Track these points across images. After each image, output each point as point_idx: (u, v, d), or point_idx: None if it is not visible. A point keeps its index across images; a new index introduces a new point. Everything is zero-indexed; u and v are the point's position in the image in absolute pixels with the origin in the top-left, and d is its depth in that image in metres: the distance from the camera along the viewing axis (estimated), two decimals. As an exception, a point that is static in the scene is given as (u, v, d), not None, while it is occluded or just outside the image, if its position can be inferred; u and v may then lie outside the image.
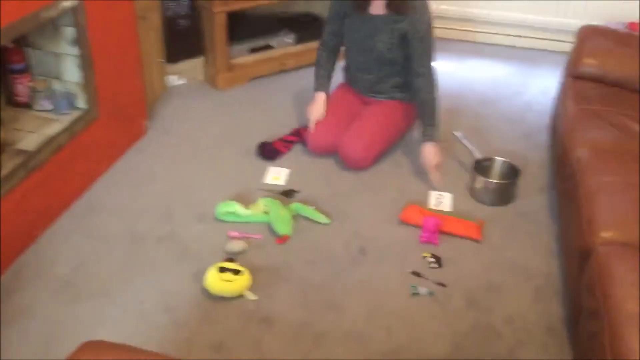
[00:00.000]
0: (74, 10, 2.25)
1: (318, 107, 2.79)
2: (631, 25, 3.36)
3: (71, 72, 2.40)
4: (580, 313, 1.77)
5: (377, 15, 2.61)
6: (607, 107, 2.45)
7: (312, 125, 2.76)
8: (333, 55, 2.87)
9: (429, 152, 2.62)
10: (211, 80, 3.35)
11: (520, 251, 2.30)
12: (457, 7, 3.86)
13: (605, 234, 1.79)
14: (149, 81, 3.04)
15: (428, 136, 2.64)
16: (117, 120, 2.66)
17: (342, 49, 2.85)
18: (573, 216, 2.03)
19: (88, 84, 2.43)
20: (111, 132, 2.62)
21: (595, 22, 3.53)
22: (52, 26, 2.29)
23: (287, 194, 2.52)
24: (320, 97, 2.82)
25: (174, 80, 3.31)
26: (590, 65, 2.66)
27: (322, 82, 2.86)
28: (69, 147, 2.35)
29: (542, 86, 3.47)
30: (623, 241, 1.76)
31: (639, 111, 2.39)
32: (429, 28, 2.59)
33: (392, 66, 2.70)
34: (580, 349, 1.73)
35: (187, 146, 2.85)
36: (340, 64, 2.93)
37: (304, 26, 3.61)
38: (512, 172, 2.60)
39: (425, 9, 2.57)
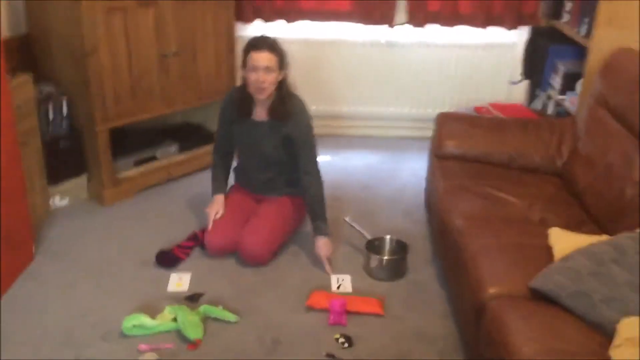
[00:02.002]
0: (-46, 140, 2.21)
1: (216, 207, 2.90)
2: (477, 109, 3.86)
3: (-47, 203, 2.32)
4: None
5: (261, 121, 2.81)
6: (470, 180, 2.78)
7: (210, 224, 2.84)
8: (227, 158, 3.02)
9: (322, 245, 2.78)
10: (97, 197, 3.33)
11: (420, 319, 2.47)
12: (325, 106, 4.19)
13: (493, 290, 2.01)
14: (33, 204, 2.96)
15: (319, 230, 2.80)
16: (4, 247, 2.56)
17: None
18: (461, 279, 2.25)
19: (-29, 214, 2.35)
20: (-2, 260, 2.52)
21: (447, 109, 4.01)
22: None
23: (192, 299, 2.53)
24: (218, 198, 2.94)
25: (57, 201, 3.25)
26: (450, 146, 3.02)
27: (218, 185, 2.99)
28: (-45, 282, 2.22)
29: (412, 169, 3.82)
30: (509, 293, 1.99)
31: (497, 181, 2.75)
32: (310, 129, 2.81)
33: (280, 166, 2.89)
34: (489, 398, 1.89)
35: (80, 266, 2.77)
36: (233, 165, 3.08)
37: (186, 135, 3.74)
38: (400, 248, 2.82)
39: (304, 111, 2.80)
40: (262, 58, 2.63)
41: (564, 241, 2.17)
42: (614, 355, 1.59)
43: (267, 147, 2.82)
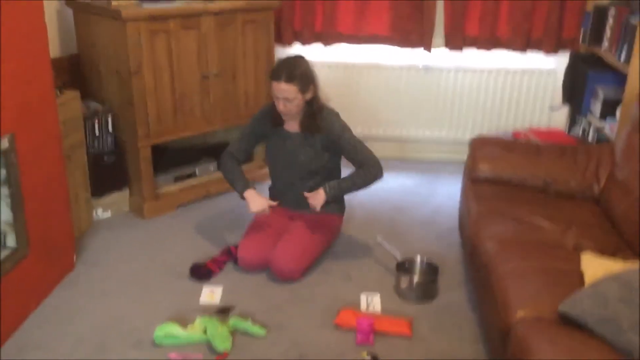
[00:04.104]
0: (5, 152, 2.34)
1: (257, 201, 2.91)
2: (515, 134, 3.83)
3: (1, 211, 2.44)
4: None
5: (294, 132, 2.90)
6: (503, 204, 2.76)
7: (261, 215, 2.92)
8: (238, 163, 3.01)
9: (316, 195, 2.84)
10: (137, 211, 3.44)
11: (449, 342, 2.45)
12: (361, 128, 4.24)
13: (520, 313, 1.99)
14: (76, 216, 3.09)
15: (328, 187, 2.84)
16: (46, 256, 2.67)
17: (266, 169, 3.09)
18: (489, 302, 2.23)
19: (18, 223, 2.46)
20: (40, 268, 2.62)
21: (485, 134, 4.00)
22: (-17, 168, 2.35)
23: (222, 311, 2.58)
24: (251, 193, 2.92)
25: (100, 213, 3.37)
26: (484, 169, 3.00)
27: (242, 181, 2.95)
28: (-1, 286, 2.33)
29: (447, 192, 3.81)
30: (536, 317, 1.96)
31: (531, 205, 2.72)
32: (346, 130, 2.85)
33: (315, 178, 2.93)
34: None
35: (117, 276, 2.87)
36: (266, 184, 3.14)
37: (224, 154, 3.83)
38: (431, 270, 2.81)
39: (335, 120, 2.86)
40: (280, 89, 2.72)
41: (596, 266, 2.14)
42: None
43: (302, 157, 2.89)
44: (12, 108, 2.34)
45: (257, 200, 2.91)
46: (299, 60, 2.80)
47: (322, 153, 2.88)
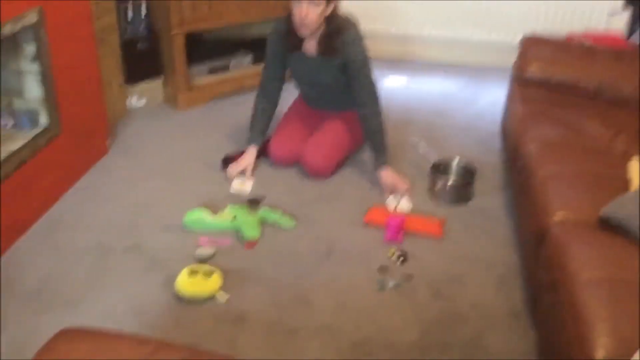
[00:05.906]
0: (34, 26, 2.27)
1: (247, 160, 2.74)
2: (568, 38, 3.57)
3: (32, 88, 2.41)
4: (539, 293, 1.86)
5: (312, 56, 2.66)
6: (551, 107, 2.61)
7: (232, 176, 2.70)
8: (272, 106, 2.83)
9: (387, 177, 2.66)
10: (171, 101, 3.40)
11: (480, 245, 2.39)
12: (405, 29, 4.03)
13: (559, 216, 1.90)
14: (110, 102, 3.06)
15: (381, 162, 2.68)
16: (79, 137, 2.67)
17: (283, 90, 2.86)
18: (528, 204, 2.15)
19: (49, 101, 2.44)
20: (73, 149, 2.63)
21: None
22: (13, 43, 2.30)
23: (253, 202, 2.56)
24: (251, 151, 2.77)
25: (135, 101, 3.34)
26: (534, 71, 2.82)
27: (255, 136, 2.80)
28: (32, 163, 2.34)
29: (491, 98, 3.64)
30: (575, 221, 1.87)
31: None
32: (363, 60, 2.60)
33: (342, 90, 2.75)
34: (541, 324, 1.82)
35: (150, 163, 2.87)
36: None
37: (260, 48, 3.68)
38: (468, 172, 2.72)
39: (356, 42, 2.58)
40: None
41: (645, 173, 2.01)
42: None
43: (325, 79, 2.71)
44: (39, -19, 2.25)
45: (246, 161, 2.73)
46: None
47: (343, 71, 2.66)
